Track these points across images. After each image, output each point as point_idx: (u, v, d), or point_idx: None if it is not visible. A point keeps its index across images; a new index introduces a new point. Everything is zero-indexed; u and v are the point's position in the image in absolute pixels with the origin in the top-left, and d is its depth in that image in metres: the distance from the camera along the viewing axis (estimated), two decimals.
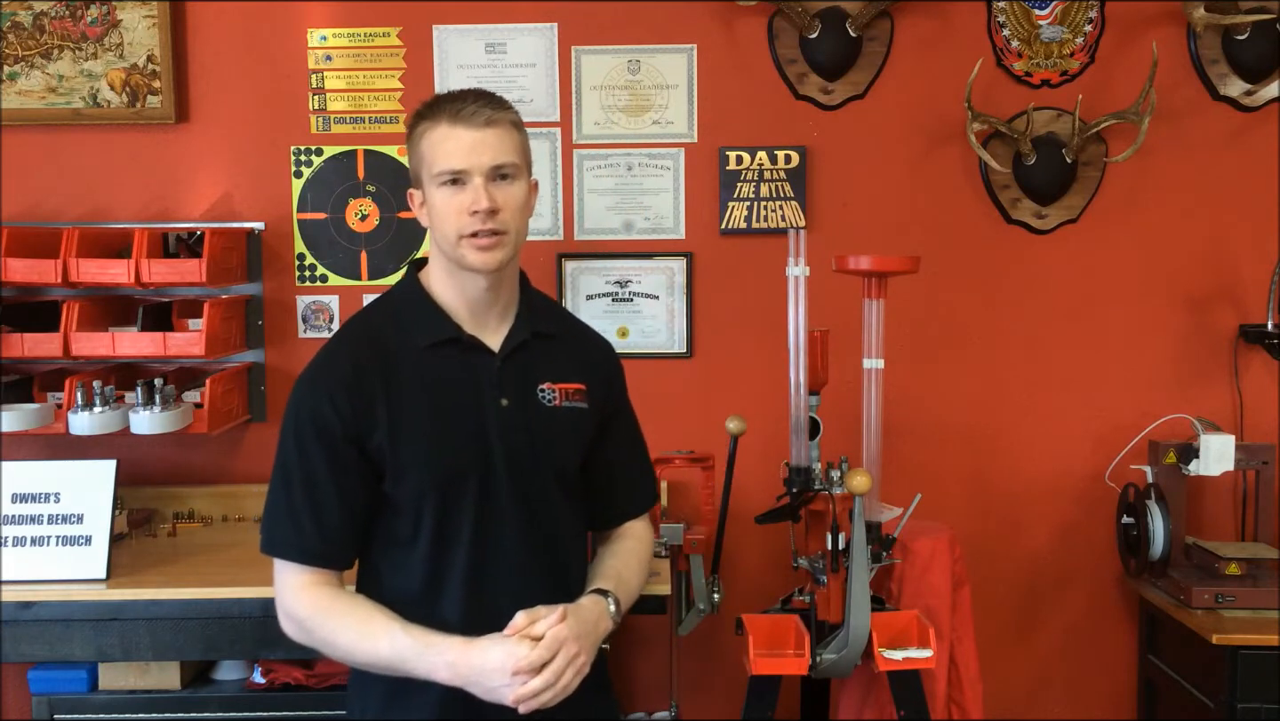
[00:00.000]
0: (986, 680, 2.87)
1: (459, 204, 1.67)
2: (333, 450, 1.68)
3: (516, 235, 1.71)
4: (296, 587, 1.70)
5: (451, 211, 1.68)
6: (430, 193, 1.71)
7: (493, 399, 1.72)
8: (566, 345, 1.83)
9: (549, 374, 1.78)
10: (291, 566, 1.70)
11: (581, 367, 1.82)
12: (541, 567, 1.74)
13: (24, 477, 2.60)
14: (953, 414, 3.18)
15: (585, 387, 1.80)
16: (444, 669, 1.62)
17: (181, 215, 3.14)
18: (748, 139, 3.12)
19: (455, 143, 1.67)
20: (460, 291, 1.74)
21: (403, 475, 1.69)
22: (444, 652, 1.62)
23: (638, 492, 1.93)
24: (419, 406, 1.70)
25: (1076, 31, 3.12)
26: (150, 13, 3.08)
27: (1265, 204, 3.13)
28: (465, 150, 1.67)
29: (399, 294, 1.81)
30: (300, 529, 1.69)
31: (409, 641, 1.63)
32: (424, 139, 1.70)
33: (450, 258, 1.71)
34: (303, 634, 1.71)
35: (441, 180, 1.68)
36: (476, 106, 1.68)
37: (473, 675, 1.61)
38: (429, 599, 1.70)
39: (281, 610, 1.72)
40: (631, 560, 1.87)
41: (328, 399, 1.68)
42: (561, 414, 1.77)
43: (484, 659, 1.61)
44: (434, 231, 1.73)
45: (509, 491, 1.71)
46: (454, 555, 1.70)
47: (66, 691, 2.76)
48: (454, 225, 1.68)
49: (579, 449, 1.80)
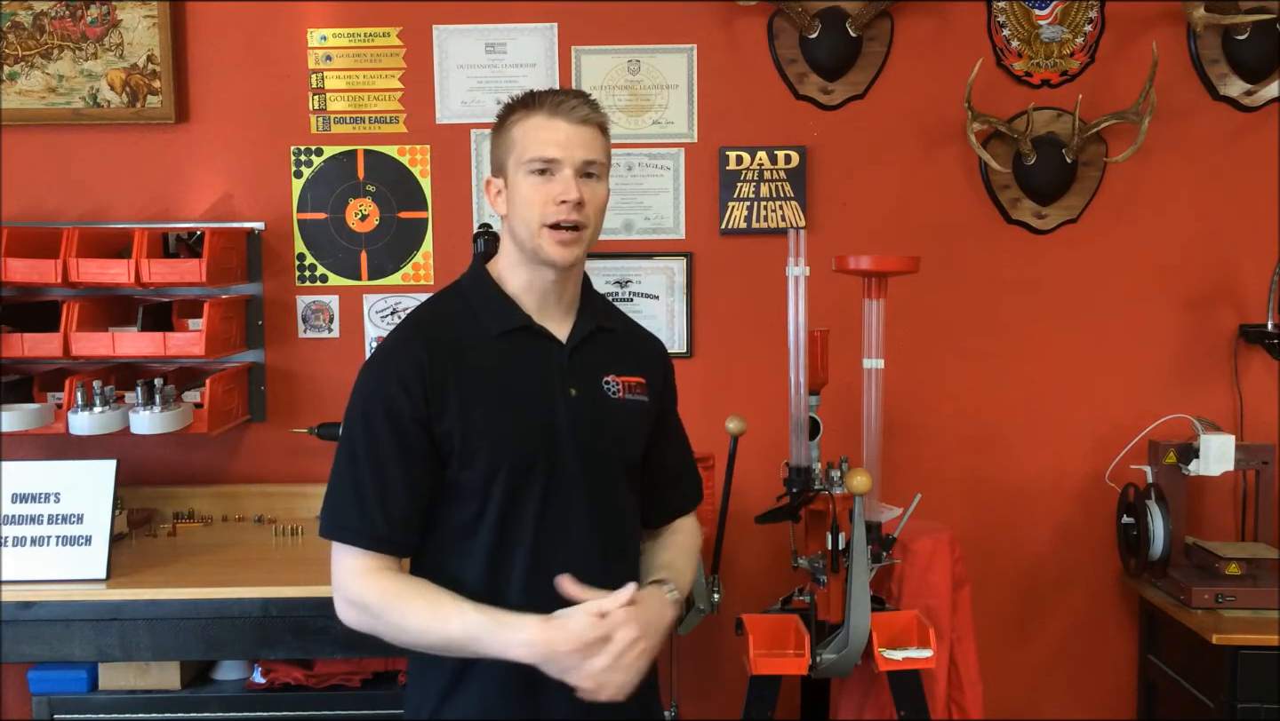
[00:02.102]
0: (986, 680, 2.87)
1: (546, 193, 1.69)
2: (402, 433, 1.67)
3: (593, 233, 1.75)
4: (361, 573, 1.68)
5: (538, 199, 1.70)
6: (516, 180, 1.72)
7: (562, 388, 1.74)
8: (626, 341, 1.87)
9: (613, 367, 1.81)
10: (355, 552, 1.68)
11: (641, 363, 1.86)
12: (604, 556, 1.76)
13: (24, 477, 2.60)
14: (953, 414, 3.18)
15: (645, 382, 1.84)
16: (520, 646, 1.60)
17: (181, 215, 3.14)
18: (748, 139, 3.12)
19: (551, 133, 1.69)
20: (530, 283, 1.76)
21: (472, 458, 1.68)
22: (522, 630, 1.60)
23: (687, 490, 1.98)
24: (490, 391, 1.70)
25: (1076, 31, 3.12)
26: (150, 13, 3.08)
27: (1265, 204, 3.13)
28: (561, 141, 1.69)
29: (468, 283, 1.81)
30: (367, 513, 1.67)
31: (481, 619, 1.62)
32: (517, 126, 1.72)
33: (526, 247, 1.73)
34: (367, 618, 1.68)
35: (532, 168, 1.70)
36: (577, 102, 1.71)
37: (550, 650, 1.59)
38: (491, 587, 1.69)
39: (341, 596, 1.70)
40: (683, 552, 1.90)
41: (399, 382, 1.67)
42: (625, 406, 1.80)
43: (565, 635, 1.59)
44: (513, 219, 1.74)
45: (576, 479, 1.73)
46: (518, 542, 1.70)
47: (66, 691, 2.76)
48: (538, 213, 1.70)
49: (641, 441, 1.84)
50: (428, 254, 3.16)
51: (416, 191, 3.15)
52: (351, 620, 1.70)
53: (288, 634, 2.54)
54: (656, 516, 1.92)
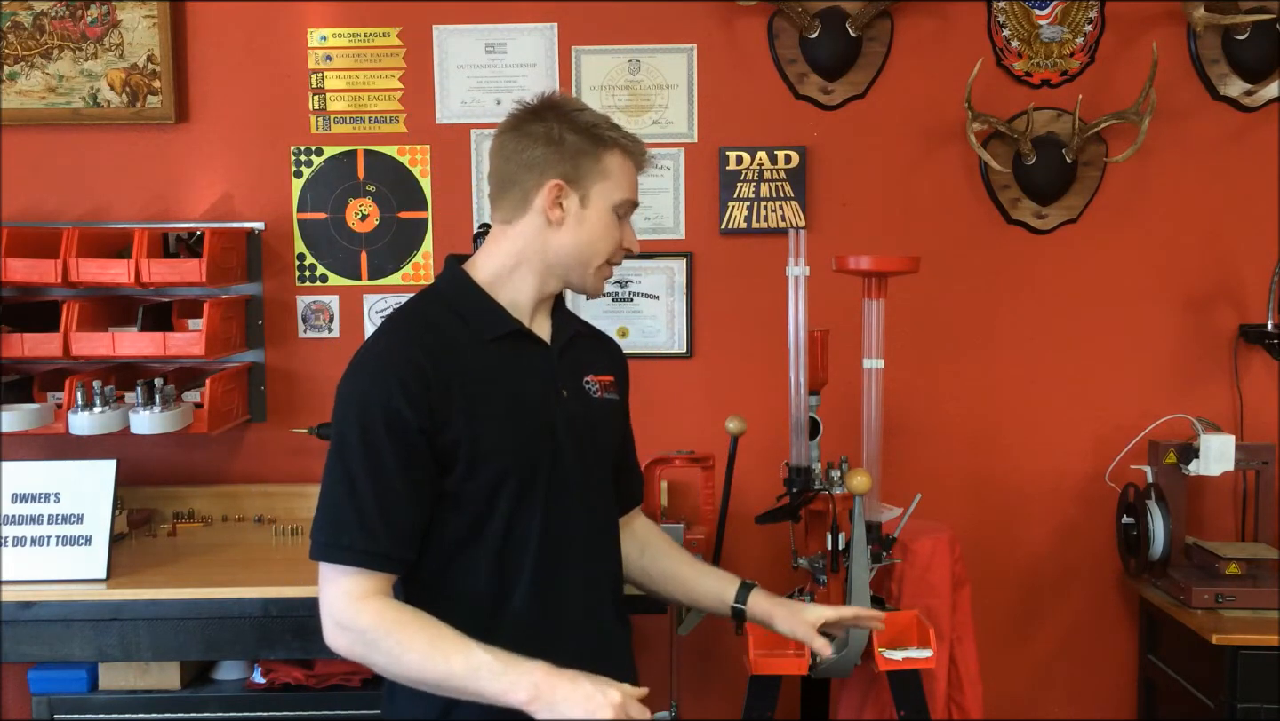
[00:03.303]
0: (986, 680, 2.87)
1: (620, 236, 1.79)
2: (404, 444, 1.60)
3: None
4: (358, 596, 1.59)
5: (613, 240, 1.78)
6: (599, 210, 1.75)
7: (555, 390, 1.76)
8: (593, 341, 1.92)
9: (590, 367, 1.84)
10: (352, 572, 1.60)
11: (610, 362, 1.90)
12: (603, 554, 1.80)
13: (24, 477, 2.60)
14: (953, 414, 3.18)
15: (614, 380, 1.88)
16: (525, 688, 1.54)
17: (181, 215, 3.14)
18: (748, 139, 3.12)
19: (636, 180, 1.80)
20: (532, 291, 1.77)
21: (478, 467, 1.64)
22: (530, 672, 1.55)
23: (639, 484, 2.03)
24: (492, 397, 1.68)
25: (1076, 31, 3.12)
26: (150, 13, 3.08)
27: (1265, 204, 3.13)
28: (637, 191, 1.81)
29: (450, 288, 1.77)
30: (369, 530, 1.59)
31: (487, 658, 1.55)
32: (614, 159, 1.76)
33: (572, 270, 1.77)
34: (361, 646, 1.59)
35: (621, 211, 1.77)
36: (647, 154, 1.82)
37: (555, 698, 1.54)
38: (498, 595, 1.67)
39: (334, 622, 1.61)
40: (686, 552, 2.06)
41: (399, 388, 1.60)
42: (604, 404, 1.84)
43: (573, 686, 1.55)
44: (572, 241, 1.75)
45: (575, 481, 1.74)
46: (524, 549, 1.69)
47: (66, 691, 2.75)
48: (606, 251, 1.78)
49: (617, 437, 1.89)
50: (428, 254, 3.16)
51: (416, 191, 3.15)
52: (342, 647, 1.61)
53: (288, 634, 2.54)
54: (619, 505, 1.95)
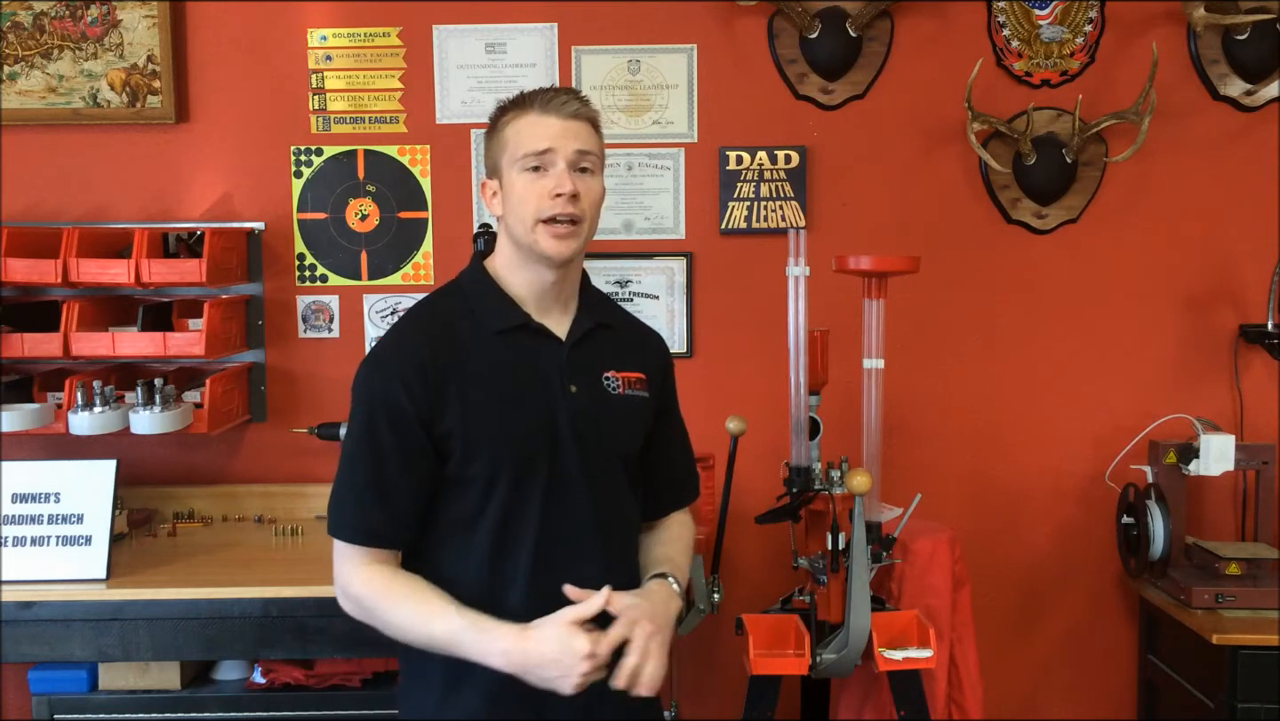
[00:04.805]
0: (986, 680, 2.87)
1: (541, 188, 1.70)
2: (403, 434, 1.69)
3: (589, 228, 1.76)
4: (357, 565, 1.72)
5: (532, 195, 1.71)
6: (511, 178, 1.73)
7: (561, 385, 1.75)
8: (626, 337, 1.88)
9: (613, 363, 1.82)
10: (353, 547, 1.73)
11: (641, 358, 1.87)
12: (604, 552, 1.77)
13: (24, 477, 2.60)
14: (953, 414, 3.18)
15: (645, 377, 1.85)
16: (498, 656, 1.63)
17: (181, 215, 3.14)
18: (748, 139, 3.12)
19: (544, 128, 1.71)
20: (529, 281, 1.77)
21: (473, 457, 1.70)
22: (498, 640, 1.63)
23: (684, 486, 1.99)
24: (491, 388, 1.71)
25: (1076, 31, 3.12)
26: (150, 13, 3.08)
27: (1265, 204, 3.13)
28: (553, 135, 1.71)
29: (466, 282, 1.83)
30: (366, 511, 1.71)
31: (463, 623, 1.65)
32: (509, 126, 1.74)
33: (523, 243, 1.74)
34: (361, 612, 1.73)
35: (525, 164, 1.71)
36: (567, 98, 1.73)
37: (528, 663, 1.62)
38: (493, 585, 1.71)
39: (341, 589, 1.75)
40: (678, 544, 1.92)
41: (399, 380, 1.69)
42: (625, 401, 1.82)
43: (540, 649, 1.61)
44: (509, 217, 1.75)
45: (577, 475, 1.74)
46: (521, 538, 1.71)
47: (66, 691, 2.76)
48: (533, 208, 1.71)
49: (640, 436, 1.85)
50: (428, 254, 3.16)
51: (416, 191, 3.15)
52: (350, 611, 1.75)
53: (288, 634, 2.54)
54: (654, 510, 1.93)
